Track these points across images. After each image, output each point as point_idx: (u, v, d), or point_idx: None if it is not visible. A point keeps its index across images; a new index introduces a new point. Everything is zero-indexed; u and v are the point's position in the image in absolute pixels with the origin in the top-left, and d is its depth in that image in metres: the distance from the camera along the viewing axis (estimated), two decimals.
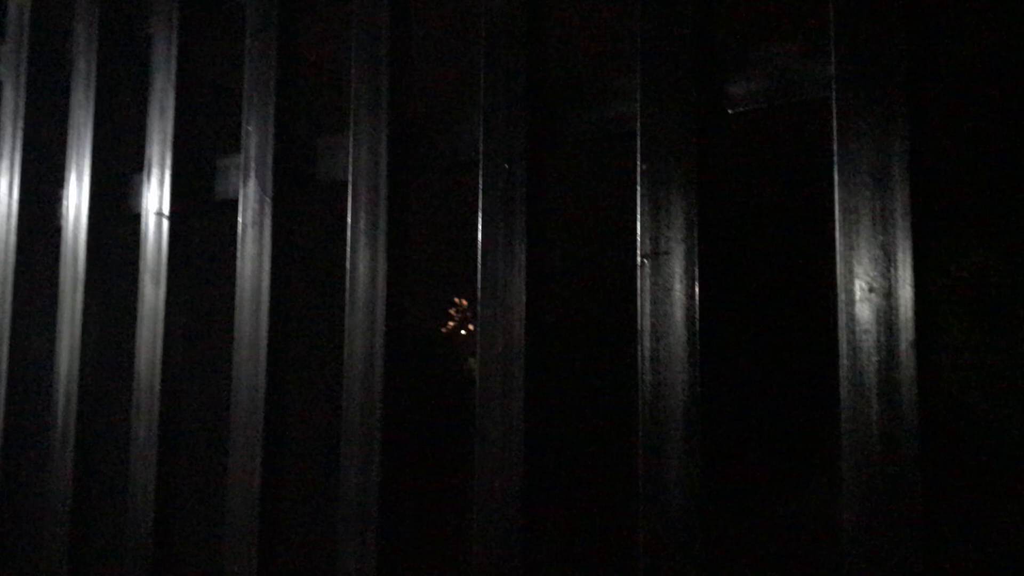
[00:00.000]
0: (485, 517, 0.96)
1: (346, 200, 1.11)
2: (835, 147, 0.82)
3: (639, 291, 0.90)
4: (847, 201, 0.81)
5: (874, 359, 0.78)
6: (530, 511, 0.95)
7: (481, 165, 1.01)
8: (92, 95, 1.39)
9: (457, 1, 1.11)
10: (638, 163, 0.92)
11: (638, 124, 0.92)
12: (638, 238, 0.91)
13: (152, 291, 1.27)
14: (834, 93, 0.83)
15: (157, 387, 1.25)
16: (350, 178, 1.11)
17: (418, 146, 1.09)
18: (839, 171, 0.82)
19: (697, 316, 0.87)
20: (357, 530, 1.06)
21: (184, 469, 1.28)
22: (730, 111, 0.91)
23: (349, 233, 1.10)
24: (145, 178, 1.32)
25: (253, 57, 1.21)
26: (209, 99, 1.37)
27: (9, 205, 1.48)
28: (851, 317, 0.79)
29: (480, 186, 1.00)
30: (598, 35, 1.18)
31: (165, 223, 1.28)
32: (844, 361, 0.79)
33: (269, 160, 1.18)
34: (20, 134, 1.48)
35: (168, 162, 1.29)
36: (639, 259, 0.91)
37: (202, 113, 1.33)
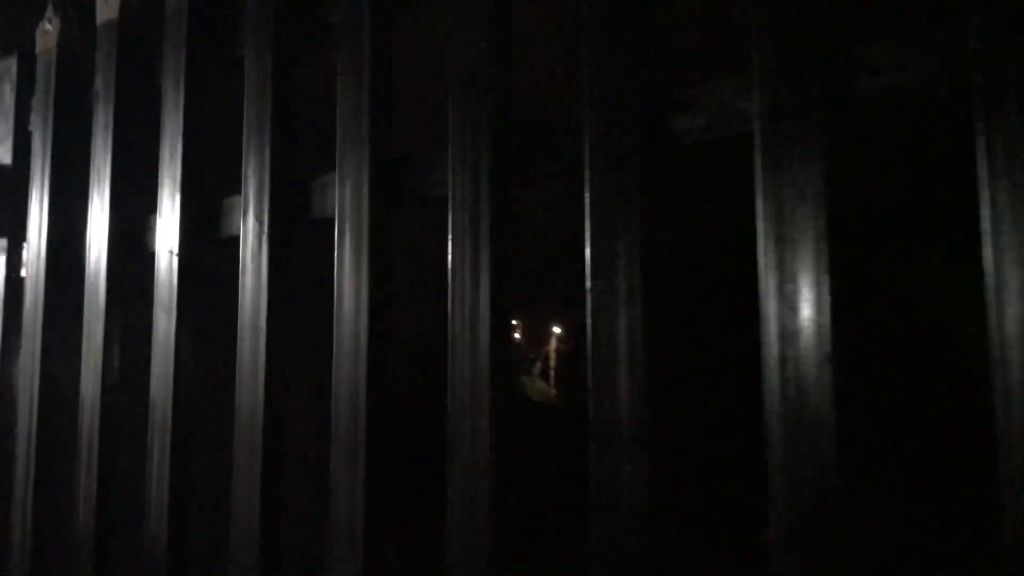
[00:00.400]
0: (455, 543, 1.05)
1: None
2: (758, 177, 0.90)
3: (588, 313, 0.99)
4: (770, 226, 0.88)
5: (792, 376, 0.85)
6: (497, 528, 1.03)
7: (450, 201, 1.10)
8: (110, 142, 1.51)
9: (432, 53, 1.20)
10: (586, 197, 1.00)
11: (586, 165, 1.00)
12: (587, 265, 0.99)
13: (165, 321, 1.38)
14: (757, 127, 0.90)
15: (169, 409, 1.35)
16: (336, 214, 1.21)
17: (396, 183, 1.19)
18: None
19: (640, 337, 0.95)
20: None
21: (197, 484, 1.39)
22: (673, 145, 0.99)
23: (336, 263, 1.19)
24: (158, 218, 1.43)
25: (251, 103, 1.32)
26: (216, 143, 1.48)
27: (39, 245, 1.60)
28: (778, 332, 0.87)
29: (450, 220, 1.09)
30: (554, 82, 1.26)
31: (175, 259, 1.39)
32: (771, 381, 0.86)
33: (266, 199, 1.29)
34: (48, 179, 1.60)
35: (177, 203, 1.40)
36: (588, 284, 0.99)
37: (209, 156, 1.44)
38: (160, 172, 1.43)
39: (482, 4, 1.10)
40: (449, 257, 1.09)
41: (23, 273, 1.64)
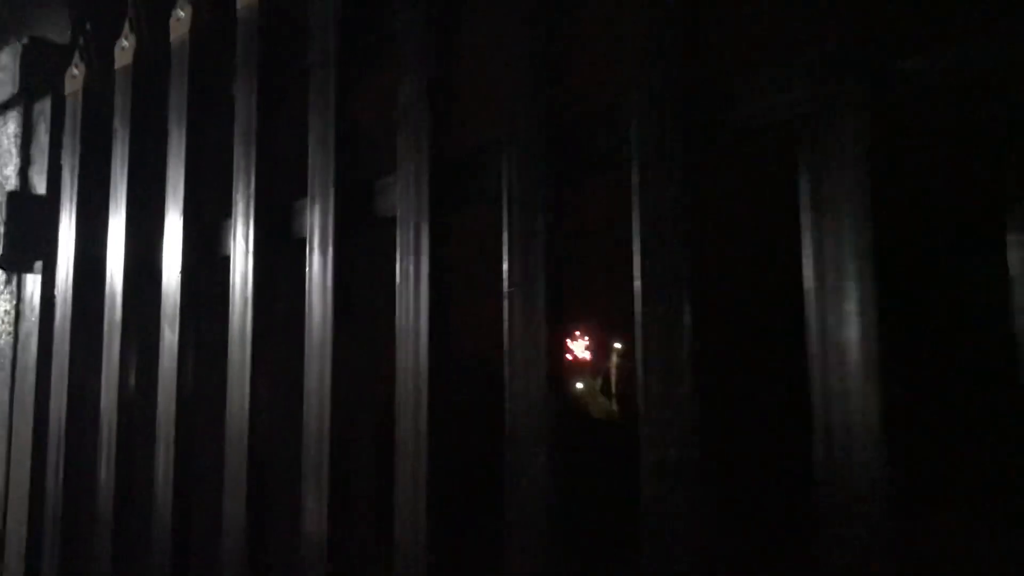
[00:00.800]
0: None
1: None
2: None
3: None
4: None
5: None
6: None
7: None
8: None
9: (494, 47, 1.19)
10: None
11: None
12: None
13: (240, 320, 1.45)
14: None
15: (246, 419, 1.42)
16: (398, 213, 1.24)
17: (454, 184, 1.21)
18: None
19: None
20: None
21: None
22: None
23: (398, 260, 1.23)
24: (233, 223, 1.49)
25: (319, 114, 1.36)
26: (289, 150, 1.49)
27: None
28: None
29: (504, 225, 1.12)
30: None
31: (251, 260, 1.43)
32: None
33: (331, 200, 1.32)
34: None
35: (252, 208, 1.45)
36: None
37: (281, 160, 1.49)
38: (235, 179, 1.49)
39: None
40: (505, 267, 1.09)
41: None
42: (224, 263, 1.52)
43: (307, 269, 1.34)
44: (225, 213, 1.52)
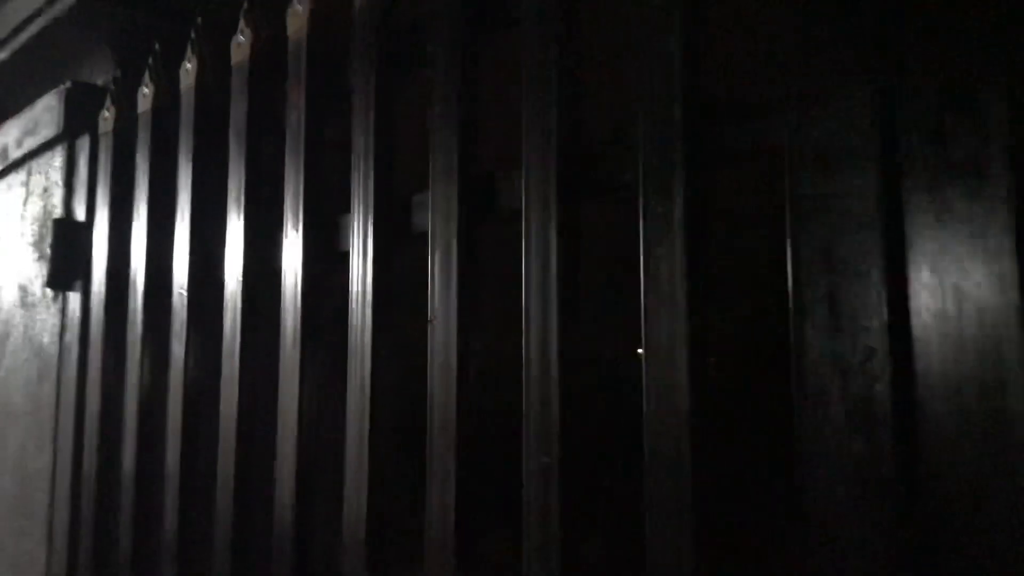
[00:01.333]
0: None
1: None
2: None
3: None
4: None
5: None
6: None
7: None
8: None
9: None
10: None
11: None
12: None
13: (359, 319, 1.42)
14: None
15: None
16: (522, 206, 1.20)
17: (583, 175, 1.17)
18: None
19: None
20: None
21: None
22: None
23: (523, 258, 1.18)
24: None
25: (441, 99, 1.33)
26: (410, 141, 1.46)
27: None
28: None
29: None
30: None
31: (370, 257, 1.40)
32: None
33: (455, 194, 1.30)
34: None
35: (371, 202, 1.41)
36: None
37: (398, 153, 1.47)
38: (353, 174, 1.46)
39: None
40: (641, 257, 1.04)
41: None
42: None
43: (430, 265, 1.31)
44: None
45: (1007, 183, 0.77)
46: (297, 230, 1.56)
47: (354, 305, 1.42)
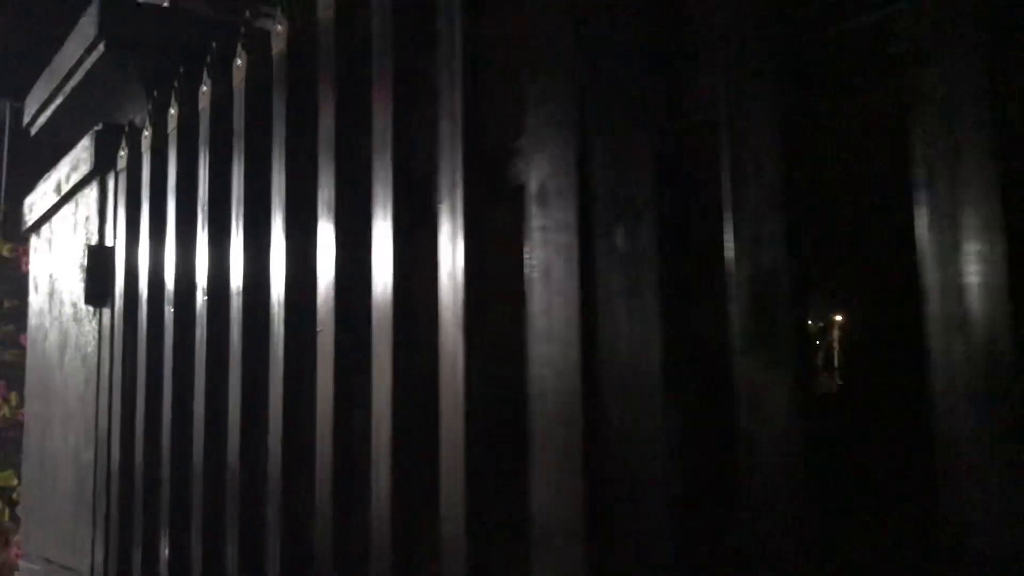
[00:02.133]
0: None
1: None
2: None
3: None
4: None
5: None
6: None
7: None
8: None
9: None
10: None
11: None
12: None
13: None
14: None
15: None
16: None
17: None
18: None
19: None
20: None
21: None
22: None
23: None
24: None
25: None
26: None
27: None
28: None
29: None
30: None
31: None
32: None
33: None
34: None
35: (459, 159, 1.29)
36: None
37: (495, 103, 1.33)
38: (440, 129, 1.33)
39: None
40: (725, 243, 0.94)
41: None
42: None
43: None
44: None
45: None
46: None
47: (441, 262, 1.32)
